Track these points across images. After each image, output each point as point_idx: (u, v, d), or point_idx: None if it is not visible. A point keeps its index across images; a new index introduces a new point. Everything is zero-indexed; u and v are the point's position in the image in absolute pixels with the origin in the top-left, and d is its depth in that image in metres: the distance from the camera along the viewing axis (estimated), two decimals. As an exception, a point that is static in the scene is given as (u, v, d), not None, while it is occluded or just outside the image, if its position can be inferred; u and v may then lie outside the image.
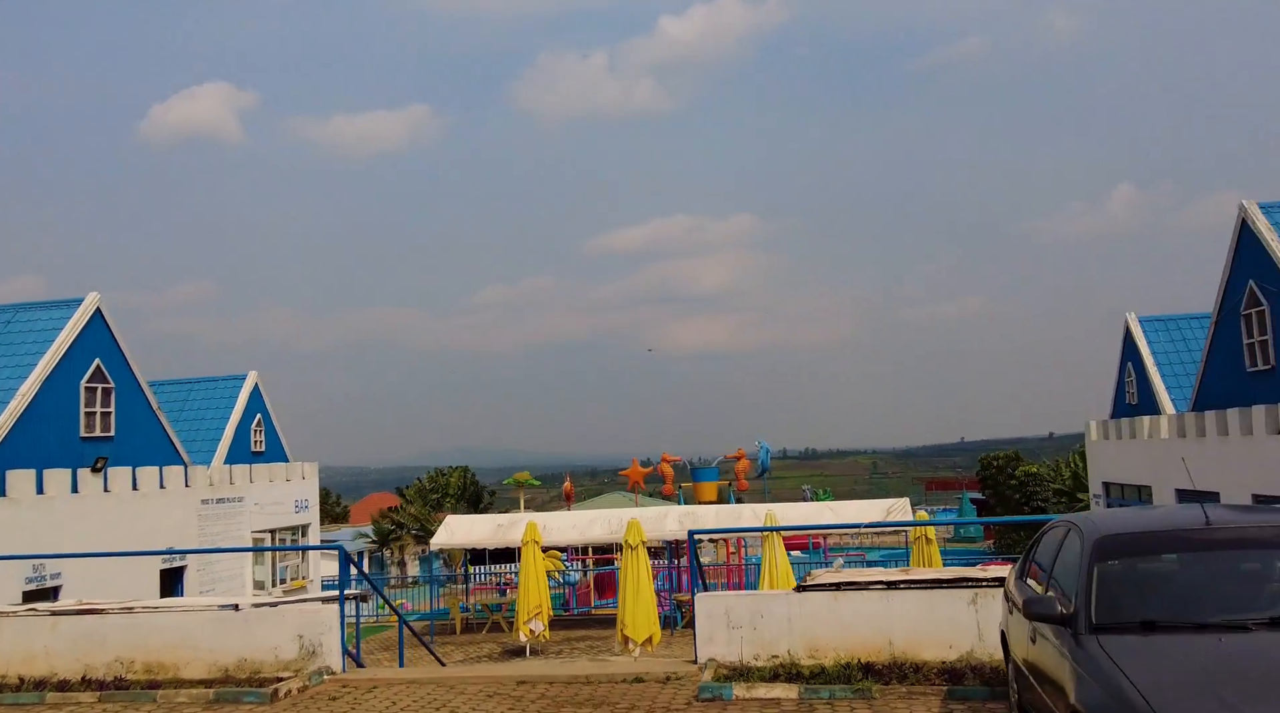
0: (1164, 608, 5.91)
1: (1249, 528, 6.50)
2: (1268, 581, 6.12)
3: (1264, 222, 18.46)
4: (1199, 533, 6.44)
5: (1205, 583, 6.13)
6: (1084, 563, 6.38)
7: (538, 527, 24.22)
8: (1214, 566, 6.27)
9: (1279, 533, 6.37)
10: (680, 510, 26.88)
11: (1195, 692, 4.90)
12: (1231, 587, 6.10)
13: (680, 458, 44.82)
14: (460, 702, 10.24)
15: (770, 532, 16.09)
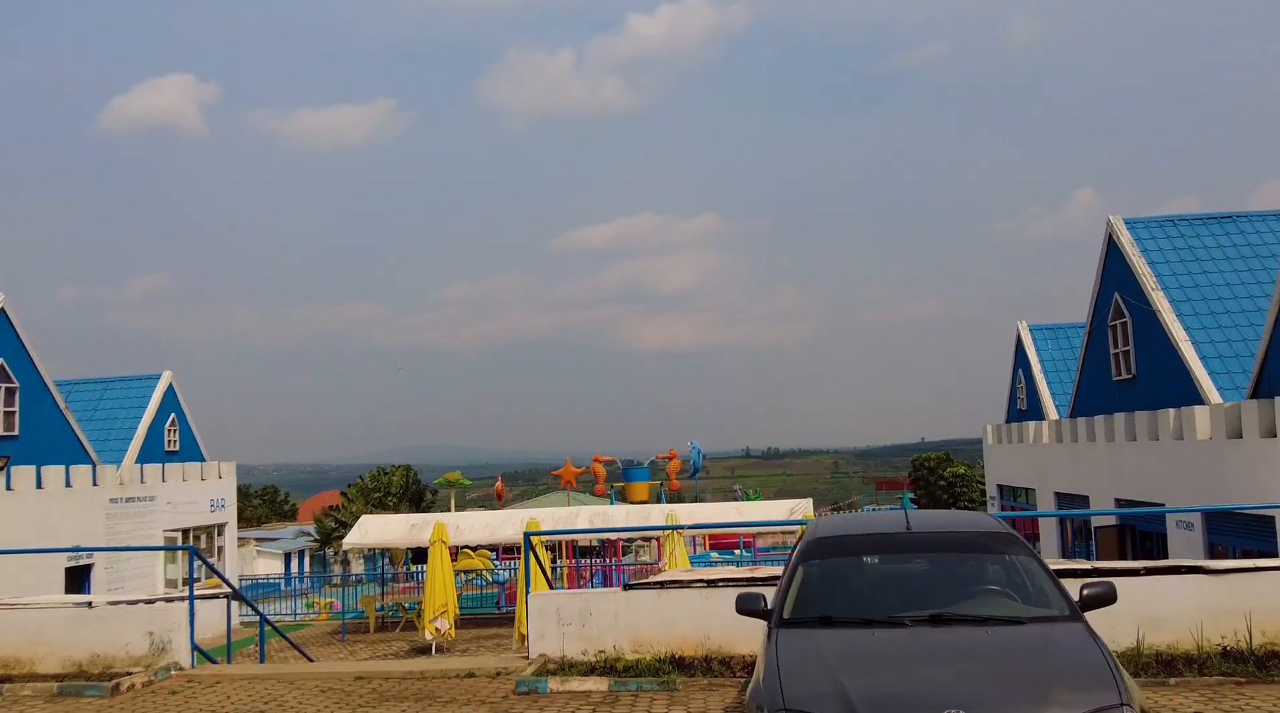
0: (844, 605, 6.47)
1: (941, 534, 7.09)
2: (946, 582, 6.70)
3: (1128, 236, 19.25)
4: (895, 538, 7.02)
5: (890, 583, 6.70)
6: (791, 564, 6.96)
7: (446, 527, 24.71)
8: (902, 567, 6.86)
9: (966, 538, 6.98)
10: (591, 510, 27.36)
11: (813, 667, 5.49)
12: (912, 586, 6.67)
13: (613, 458, 45.36)
14: (292, 697, 10.65)
15: (611, 532, 16.64)
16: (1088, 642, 5.72)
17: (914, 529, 7.03)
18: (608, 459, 43.44)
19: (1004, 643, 5.73)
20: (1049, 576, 6.47)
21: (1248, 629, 10.28)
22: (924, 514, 7.65)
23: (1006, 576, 6.60)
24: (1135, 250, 18.82)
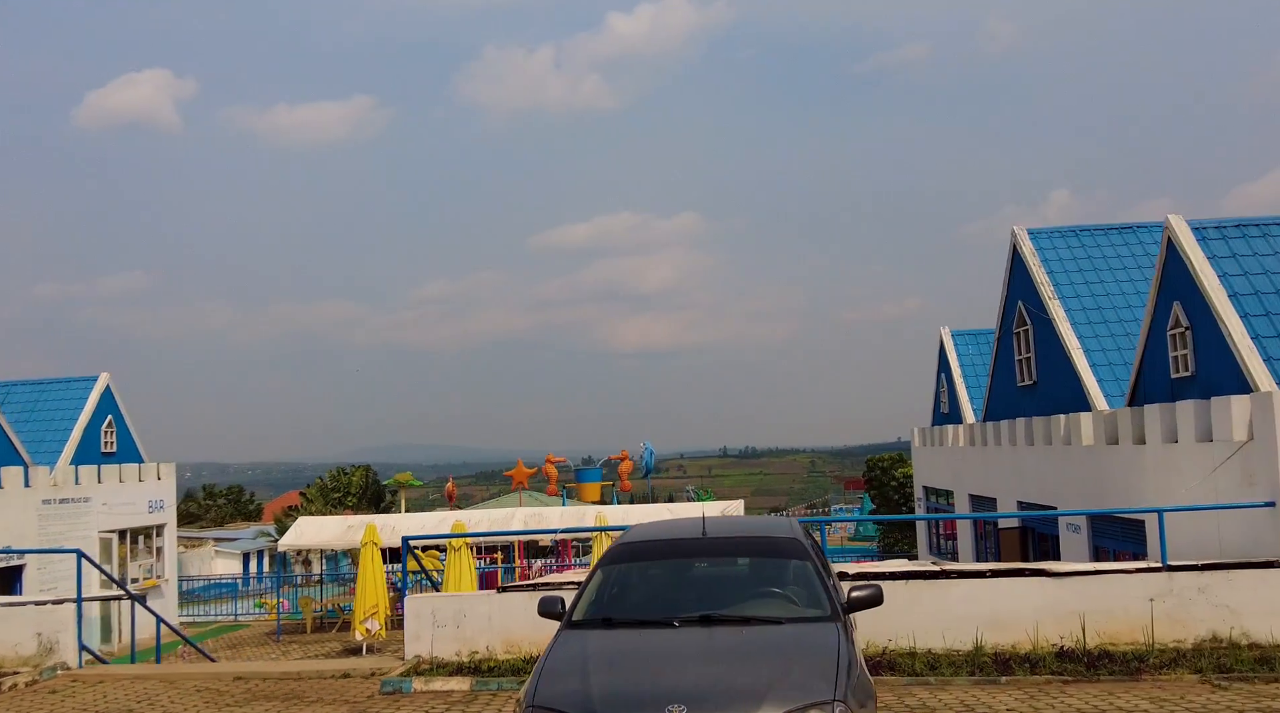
0: (630, 608, 6.85)
1: (732, 539, 7.50)
2: (729, 585, 7.10)
3: (1029, 246, 19.81)
4: (689, 543, 7.42)
5: (677, 586, 7.09)
6: (591, 569, 7.35)
7: (377, 529, 24.99)
8: (693, 571, 7.25)
9: (754, 543, 7.39)
10: (527, 512, 27.73)
11: (572, 667, 5.87)
12: (696, 589, 7.06)
13: (565, 459, 45.67)
14: (168, 696, 10.95)
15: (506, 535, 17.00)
16: (831, 641, 6.10)
17: (709, 535, 7.42)
18: (560, 460, 43.71)
19: (755, 642, 6.12)
20: (821, 579, 6.86)
21: (1082, 630, 10.76)
22: (722, 520, 8.07)
23: (788, 578, 6.99)
24: (1036, 260, 19.37)
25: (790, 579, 6.97)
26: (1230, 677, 9.86)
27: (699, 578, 7.18)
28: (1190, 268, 13.34)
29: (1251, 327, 12.54)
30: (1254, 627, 10.83)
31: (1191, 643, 10.79)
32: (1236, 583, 10.93)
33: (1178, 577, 10.98)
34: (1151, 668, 10.08)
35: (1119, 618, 10.92)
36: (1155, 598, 10.93)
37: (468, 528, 22.51)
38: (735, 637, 6.22)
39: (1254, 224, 13.88)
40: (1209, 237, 13.63)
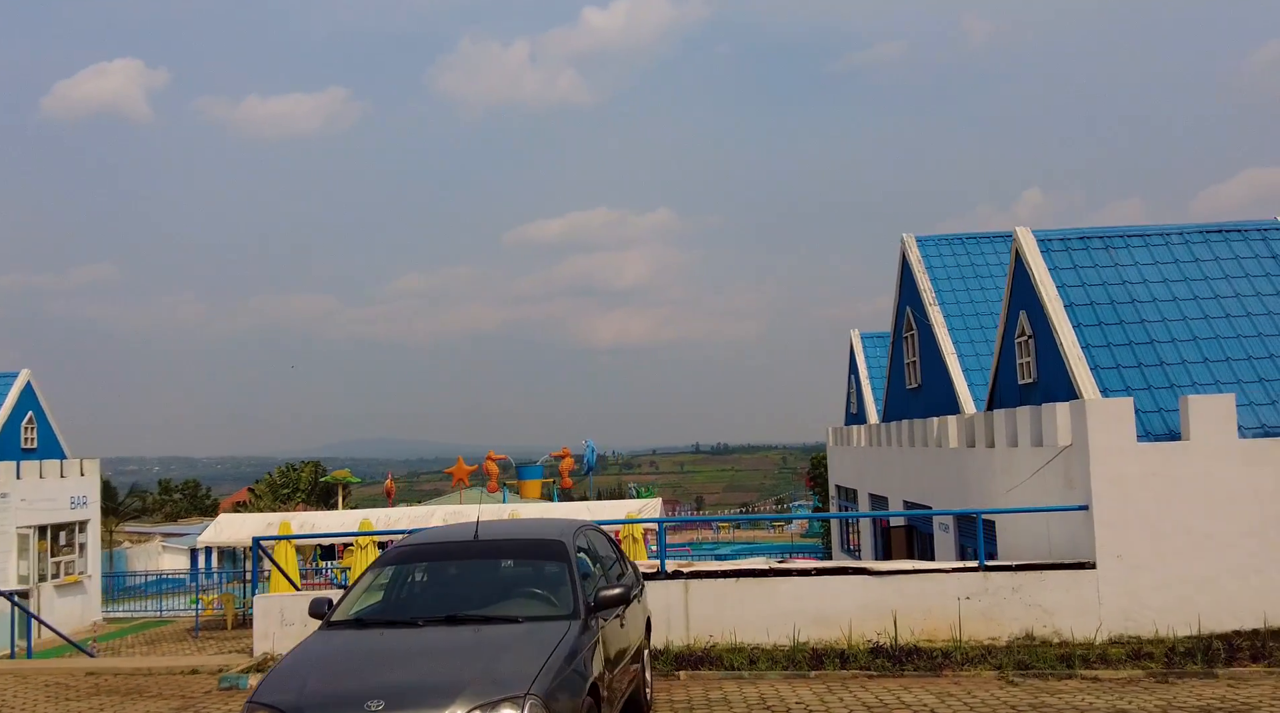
0: (383, 608, 7.23)
1: (499, 542, 7.86)
2: (488, 585, 7.47)
3: (916, 253, 20.35)
4: (458, 546, 7.79)
5: (438, 587, 7.46)
6: (364, 570, 7.72)
7: (291, 526, 25.24)
8: (457, 572, 7.61)
9: (518, 546, 7.78)
10: (447, 510, 28.02)
11: (302, 666, 6.25)
12: (455, 590, 7.42)
13: (506, 456, 45.98)
14: (14, 690, 11.21)
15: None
16: (553, 638, 6.46)
17: (480, 538, 7.80)
18: (500, 457, 43.98)
19: (483, 641, 6.48)
20: (572, 580, 7.23)
21: (894, 627, 11.23)
22: (496, 524, 8.46)
23: (543, 580, 7.37)
24: (921, 267, 19.90)
25: (544, 580, 7.35)
26: (1027, 673, 10.34)
27: (461, 579, 7.54)
28: (1032, 278, 13.86)
29: (1083, 336, 13.06)
30: (1065, 625, 11.35)
31: (1005, 641, 11.29)
32: (1048, 583, 11.44)
33: (993, 577, 11.47)
34: (955, 664, 10.55)
35: (936, 616, 11.41)
36: (971, 597, 11.43)
37: (374, 527, 22.78)
38: (467, 636, 6.59)
39: (1098, 237, 14.42)
40: (1053, 248, 14.14)
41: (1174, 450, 11.43)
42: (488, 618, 6.87)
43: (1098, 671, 10.33)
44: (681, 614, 11.60)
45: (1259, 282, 13.65)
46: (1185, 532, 11.31)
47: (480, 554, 7.69)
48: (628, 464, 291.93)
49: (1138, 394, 12.42)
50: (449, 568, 7.63)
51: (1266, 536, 11.24)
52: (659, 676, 10.54)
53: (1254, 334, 13.01)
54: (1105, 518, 11.36)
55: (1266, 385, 12.35)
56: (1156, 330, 13.12)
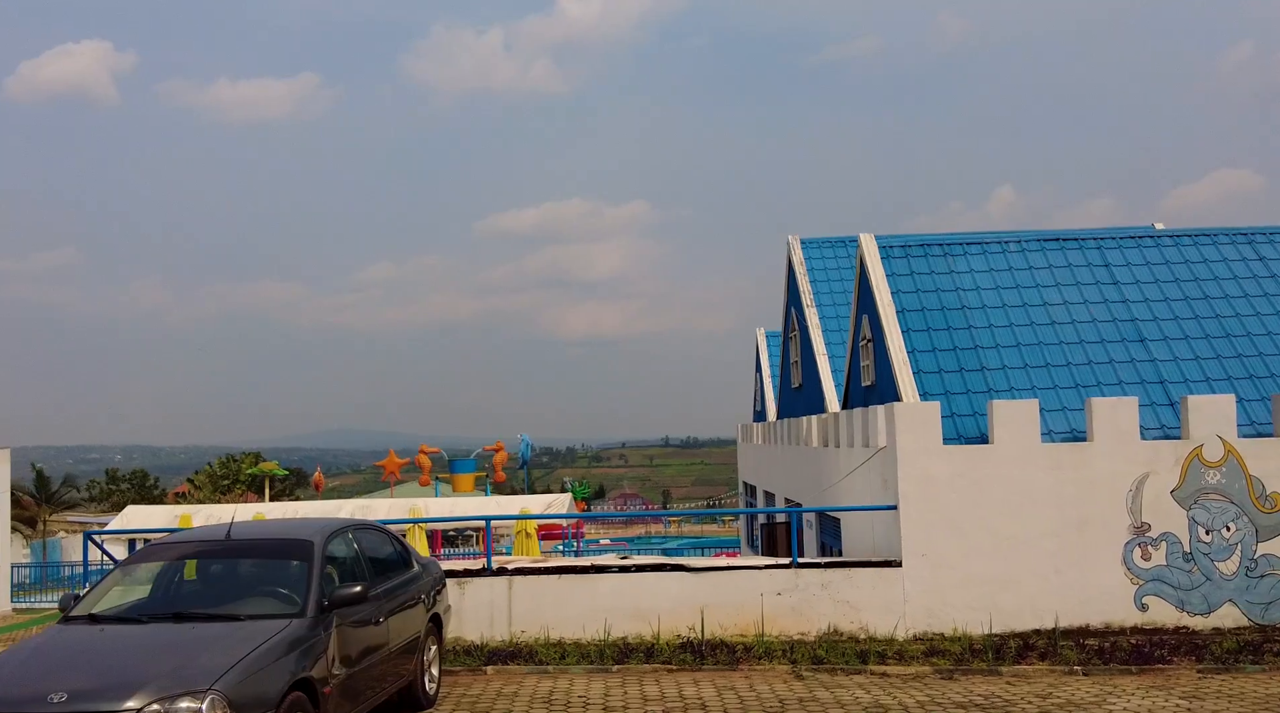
0: (121, 604, 7.46)
1: (248, 542, 8.10)
2: (229, 583, 7.72)
3: (799, 256, 20.74)
4: (208, 545, 8.03)
5: (174, 584, 7.70)
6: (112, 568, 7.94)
7: (192, 519, 25.30)
8: (197, 569, 7.85)
9: (265, 546, 8.01)
10: (356, 504, 28.18)
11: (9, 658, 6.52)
12: (194, 588, 7.67)
13: (439, 449, 46.09)
14: None
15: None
16: (264, 636, 6.71)
17: (232, 538, 8.04)
18: (433, 450, 44.10)
19: (193, 638, 6.71)
20: (309, 579, 7.48)
21: (701, 622, 11.57)
22: (251, 524, 8.71)
23: (283, 579, 7.61)
24: (803, 268, 20.30)
25: (285, 579, 7.59)
26: (819, 668, 10.72)
27: (204, 578, 7.78)
28: (871, 284, 14.24)
29: (910, 341, 13.45)
30: (871, 622, 11.74)
31: (814, 636, 11.67)
32: (856, 581, 11.82)
33: (804, 574, 11.84)
34: (753, 658, 10.91)
35: (748, 612, 11.76)
36: (783, 593, 11.78)
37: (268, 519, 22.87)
38: (183, 633, 6.83)
39: (938, 243, 14.82)
40: (893, 254, 14.53)
41: (979, 453, 11.84)
42: (214, 616, 7.12)
43: (887, 666, 10.72)
44: (505, 610, 11.89)
45: (1087, 290, 14.10)
46: (989, 532, 11.72)
47: (227, 554, 7.93)
48: (597, 457, 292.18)
49: (956, 398, 12.84)
50: (195, 566, 7.86)
51: (1065, 537, 11.67)
52: (467, 670, 10.82)
53: (1075, 341, 13.45)
54: (911, 517, 11.75)
55: (1081, 391, 12.79)
56: (982, 336, 13.54)
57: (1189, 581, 11.60)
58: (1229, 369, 13.03)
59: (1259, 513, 11.60)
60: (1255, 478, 11.61)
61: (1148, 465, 11.64)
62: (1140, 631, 11.50)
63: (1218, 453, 11.62)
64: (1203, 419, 11.68)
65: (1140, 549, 11.62)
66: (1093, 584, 11.60)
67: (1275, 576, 11.57)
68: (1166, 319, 13.63)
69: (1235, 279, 14.15)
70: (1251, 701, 9.35)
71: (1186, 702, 9.36)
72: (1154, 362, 13.15)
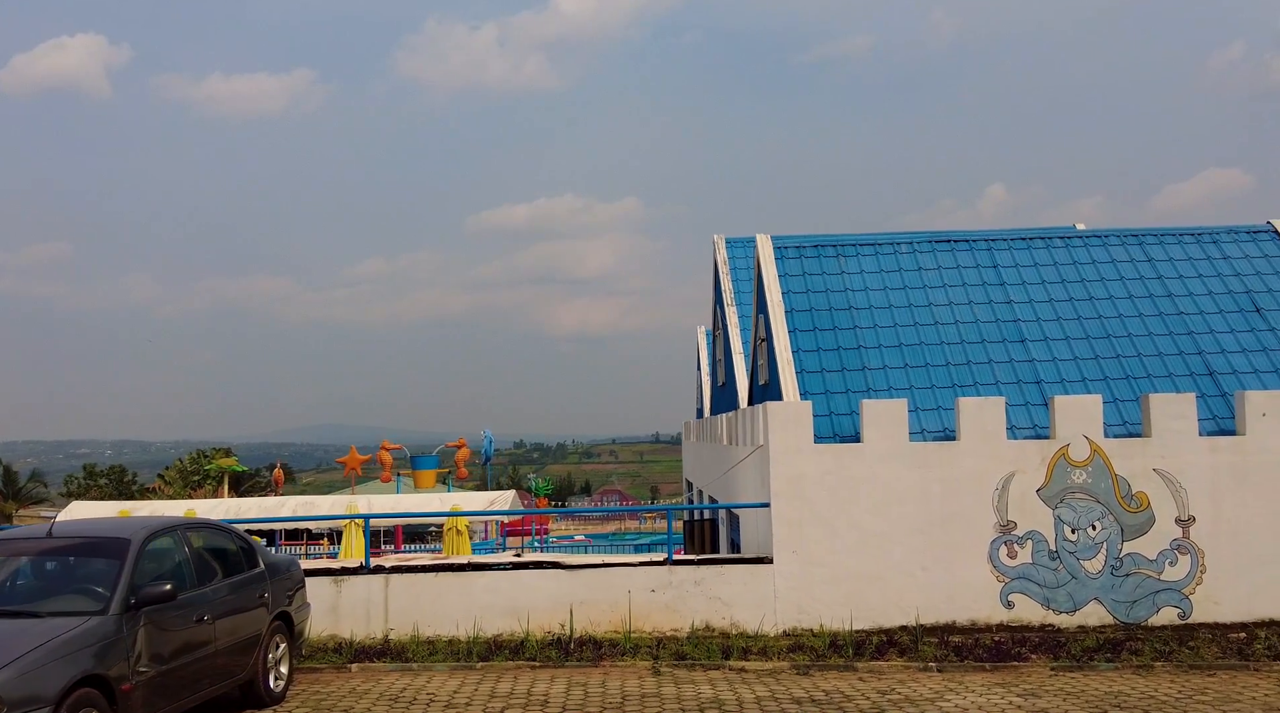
0: None
1: (66, 541, 8.20)
2: (43, 579, 7.85)
3: (723, 254, 20.86)
4: (24, 541, 8.16)
5: None
6: None
7: (129, 514, 25.33)
8: (15, 565, 7.95)
9: (82, 545, 8.12)
10: (297, 500, 28.23)
11: None
12: (11, 585, 7.78)
13: (401, 445, 46.11)
14: None
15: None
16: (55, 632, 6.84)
17: (53, 535, 8.15)
18: (395, 446, 44.10)
19: None
20: (118, 578, 7.59)
21: (570, 619, 11.69)
22: (77, 522, 8.84)
23: (93, 576, 7.72)
24: (726, 268, 20.43)
25: (95, 577, 7.70)
26: (680, 664, 10.84)
27: (19, 574, 7.90)
28: (764, 284, 14.35)
29: (796, 341, 13.57)
30: (742, 618, 11.87)
31: (687, 632, 11.79)
32: (728, 577, 11.95)
33: (678, 570, 11.96)
34: (618, 655, 11.02)
35: (622, 608, 11.87)
36: (657, 590, 11.91)
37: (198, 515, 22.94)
38: None
39: (832, 244, 14.94)
40: (788, 255, 14.64)
41: (849, 452, 11.97)
42: (12, 613, 7.24)
43: (747, 662, 10.85)
44: (381, 608, 11.99)
45: (973, 290, 14.23)
46: (857, 530, 11.85)
47: (46, 552, 8.03)
48: (587, 453, 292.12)
49: (835, 397, 12.96)
50: (12, 564, 7.96)
51: (932, 535, 11.81)
52: (333, 668, 10.91)
53: (956, 341, 13.58)
54: (782, 514, 11.88)
55: (958, 390, 12.90)
56: (866, 336, 13.66)
57: (1054, 579, 11.74)
58: (1106, 370, 13.17)
59: (1124, 512, 11.74)
60: (1121, 477, 11.76)
61: (1014, 465, 11.78)
62: (1006, 628, 11.65)
63: (1084, 453, 11.77)
64: (1069, 419, 11.81)
65: (1006, 547, 11.76)
66: (959, 582, 11.74)
67: (1140, 575, 11.72)
68: (1048, 320, 13.76)
69: (1121, 281, 14.28)
70: (1088, 698, 9.49)
71: (1022, 698, 9.51)
72: (1032, 362, 13.28)
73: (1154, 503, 11.71)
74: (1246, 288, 14.13)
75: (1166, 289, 14.12)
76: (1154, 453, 11.75)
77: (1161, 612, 11.67)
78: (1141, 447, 11.82)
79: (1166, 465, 11.72)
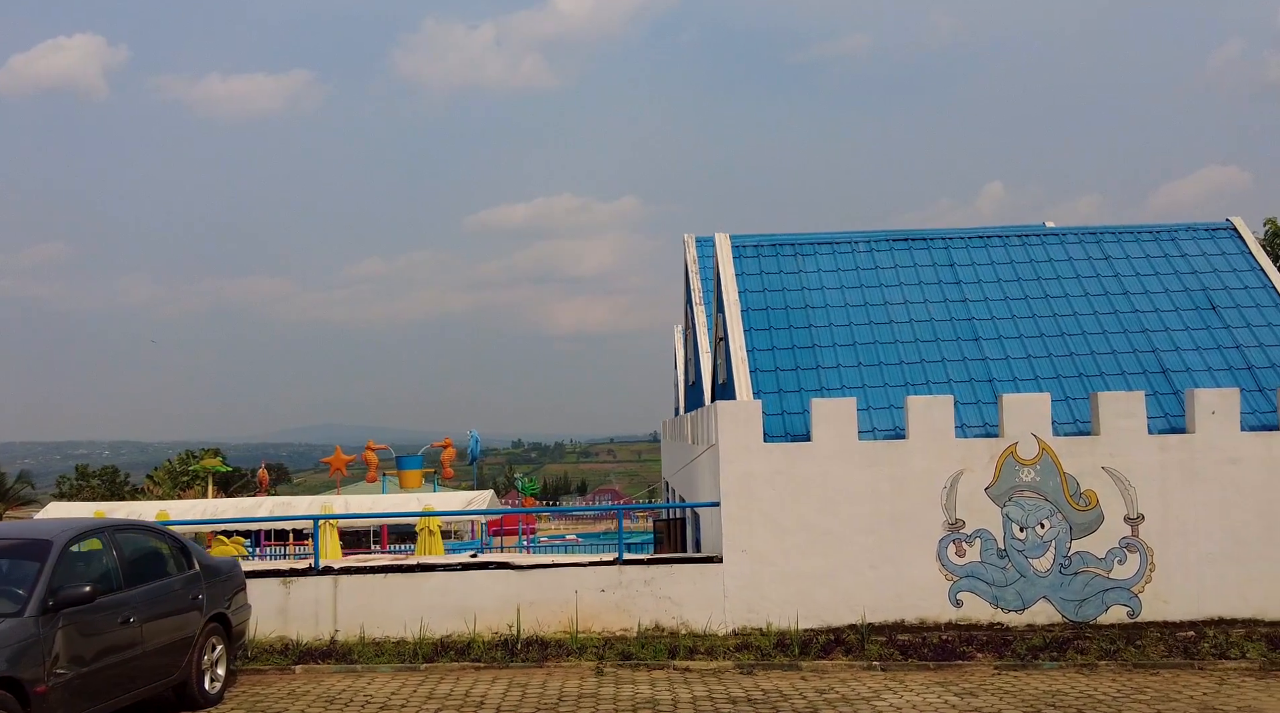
0: None
1: None
2: None
3: (692, 253, 20.80)
4: None
5: None
6: None
7: (104, 515, 25.31)
8: None
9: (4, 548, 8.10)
10: (275, 501, 28.21)
11: None
12: None
13: (387, 445, 46.08)
14: None
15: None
16: None
17: None
18: (381, 446, 44.07)
19: None
20: (35, 581, 7.57)
21: (517, 619, 11.66)
22: (3, 525, 8.79)
23: (15, 578, 7.70)
24: (695, 267, 20.39)
25: (15, 579, 7.69)
26: (625, 664, 10.83)
27: None
28: (721, 283, 14.34)
29: (751, 340, 13.54)
30: (692, 617, 11.85)
31: (637, 632, 11.77)
32: (678, 577, 11.93)
33: (627, 570, 11.93)
34: (563, 656, 11.00)
35: (570, 609, 11.84)
36: (607, 590, 11.88)
37: (170, 517, 22.93)
38: None
39: (790, 243, 14.91)
40: (745, 254, 14.62)
41: (799, 450, 11.94)
42: None
43: (692, 662, 10.83)
44: (330, 609, 11.96)
45: (929, 289, 14.20)
46: (807, 529, 11.82)
47: None
48: (585, 453, 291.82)
49: (789, 396, 12.94)
50: None
51: (881, 533, 11.79)
52: (277, 669, 10.89)
53: (910, 340, 13.55)
54: (732, 513, 11.86)
55: (911, 389, 12.87)
56: (820, 335, 13.64)
57: (1003, 577, 11.72)
58: (1059, 368, 13.15)
59: (1073, 510, 11.73)
60: (1069, 476, 11.74)
61: (962, 463, 11.76)
62: (954, 627, 11.63)
63: (1032, 451, 11.75)
64: (1017, 417, 11.79)
65: (955, 546, 11.74)
66: (907, 580, 11.72)
67: (1089, 573, 11.70)
68: (1003, 318, 13.74)
69: (1078, 278, 14.26)
70: (1025, 697, 9.48)
71: (958, 698, 9.49)
72: (985, 361, 13.26)
73: (1103, 501, 11.69)
74: (1203, 286, 14.11)
75: (1123, 287, 14.10)
76: (1103, 451, 11.74)
77: (1110, 610, 11.66)
78: (1090, 445, 11.80)
79: (1115, 464, 11.71)
